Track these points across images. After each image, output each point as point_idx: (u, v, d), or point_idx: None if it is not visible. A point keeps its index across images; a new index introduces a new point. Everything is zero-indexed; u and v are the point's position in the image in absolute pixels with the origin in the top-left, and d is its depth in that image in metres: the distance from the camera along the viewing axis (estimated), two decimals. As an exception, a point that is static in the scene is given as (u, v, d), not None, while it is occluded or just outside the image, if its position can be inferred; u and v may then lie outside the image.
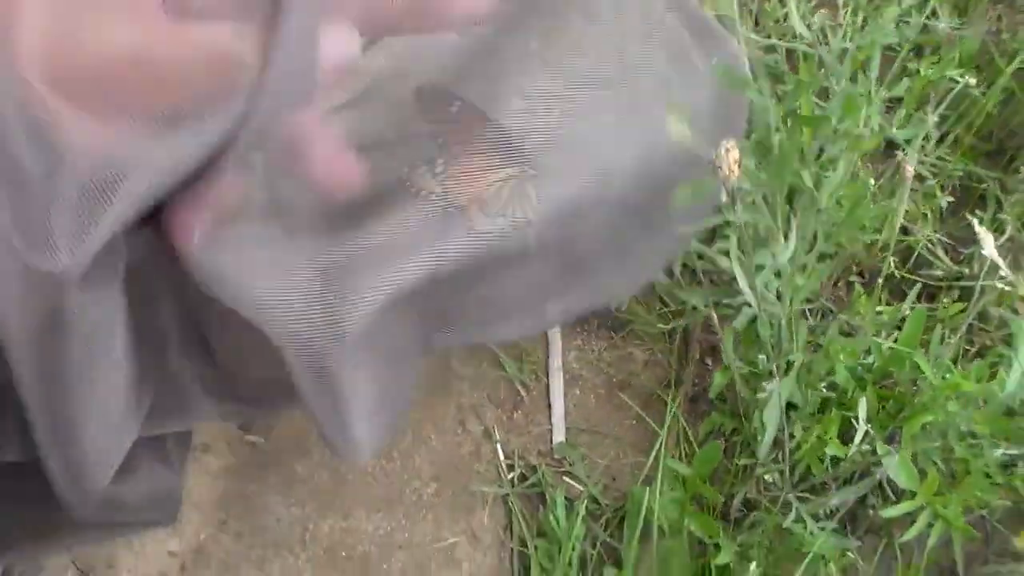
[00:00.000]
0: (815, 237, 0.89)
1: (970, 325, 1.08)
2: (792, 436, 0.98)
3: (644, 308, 1.13)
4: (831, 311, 1.12)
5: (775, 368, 0.93)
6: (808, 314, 1.10)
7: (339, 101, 0.60)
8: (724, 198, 0.75)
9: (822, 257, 0.94)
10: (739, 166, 0.72)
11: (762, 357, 0.98)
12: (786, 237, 0.82)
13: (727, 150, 0.71)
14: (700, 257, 1.05)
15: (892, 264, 1.10)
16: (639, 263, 0.89)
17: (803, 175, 0.84)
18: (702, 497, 1.02)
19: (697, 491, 0.99)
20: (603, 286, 0.86)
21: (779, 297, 0.89)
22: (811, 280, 0.87)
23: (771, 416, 0.93)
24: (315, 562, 1.01)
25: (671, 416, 1.09)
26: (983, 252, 0.95)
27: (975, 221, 0.99)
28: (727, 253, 0.86)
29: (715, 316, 0.95)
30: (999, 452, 0.98)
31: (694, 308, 1.12)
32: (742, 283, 0.87)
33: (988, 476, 1.01)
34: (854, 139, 0.83)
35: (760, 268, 0.87)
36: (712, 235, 1.01)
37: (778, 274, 0.88)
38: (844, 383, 0.97)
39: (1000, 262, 0.95)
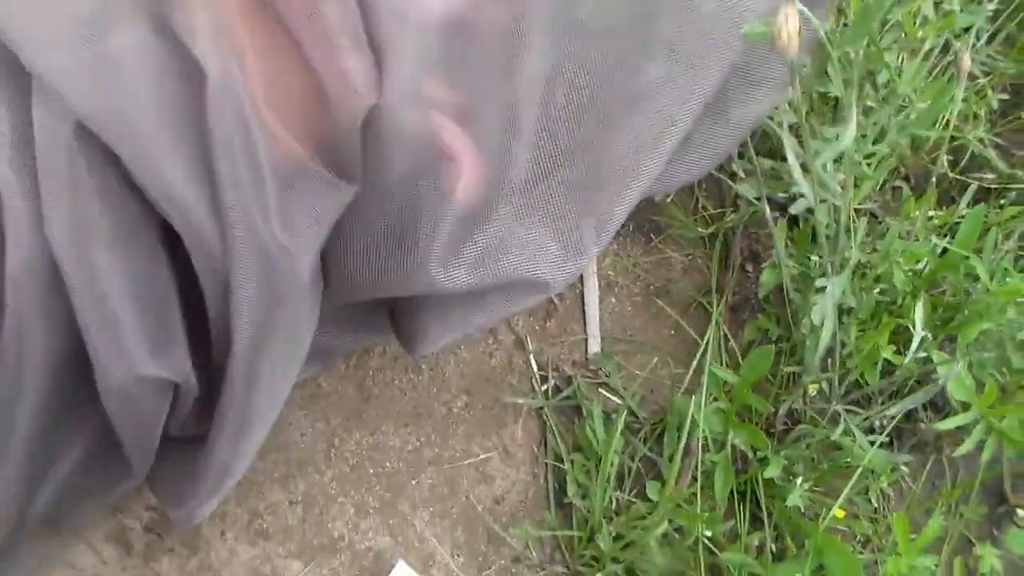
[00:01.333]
0: (882, 129, 0.83)
1: (1023, 232, 1.03)
2: (843, 344, 0.94)
3: (682, 211, 1.07)
4: (875, 215, 1.07)
5: (829, 265, 0.88)
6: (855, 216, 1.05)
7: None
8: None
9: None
10: (798, 35, 0.66)
11: (815, 259, 0.93)
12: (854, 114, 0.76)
13: (786, 17, 0.66)
14: (740, 156, 0.99)
15: (945, 164, 1.04)
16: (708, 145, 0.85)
17: (882, 55, 0.78)
18: (746, 409, 0.98)
19: (744, 401, 0.95)
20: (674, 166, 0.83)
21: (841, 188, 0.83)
22: (879, 170, 0.81)
23: (824, 313, 0.88)
24: (341, 479, 0.96)
25: (713, 323, 1.04)
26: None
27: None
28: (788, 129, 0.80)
29: (767, 209, 0.89)
30: (1058, 362, 0.94)
31: (734, 211, 1.07)
32: (794, 168, 0.81)
33: (1044, 389, 0.97)
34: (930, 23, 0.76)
35: (819, 155, 0.82)
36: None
37: (839, 161, 0.82)
38: (901, 287, 0.92)
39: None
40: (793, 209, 0.86)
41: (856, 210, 1.05)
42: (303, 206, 0.64)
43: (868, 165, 0.83)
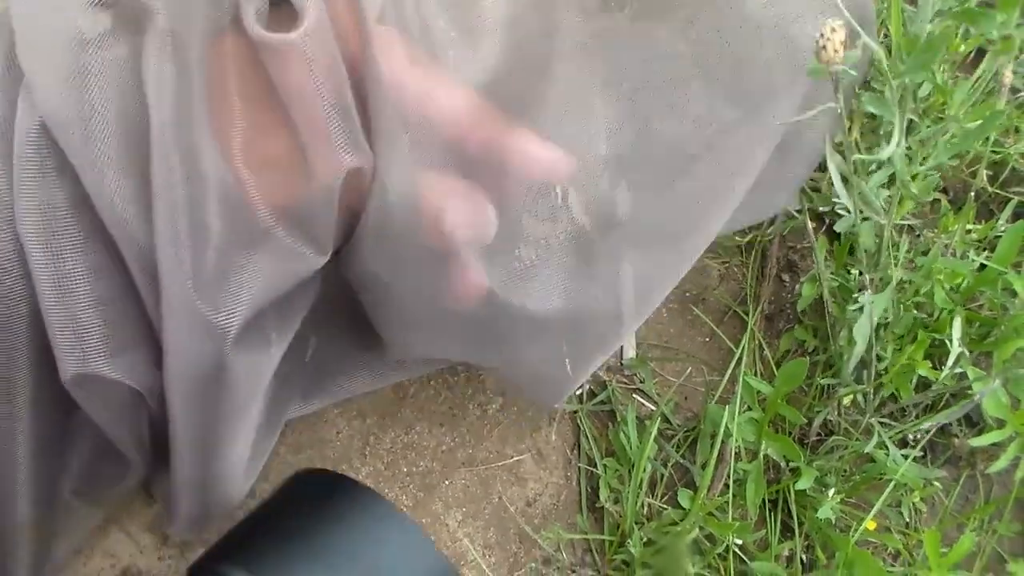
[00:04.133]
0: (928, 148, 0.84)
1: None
2: (879, 358, 0.94)
3: (721, 220, 1.07)
4: (912, 228, 1.07)
5: (869, 281, 0.88)
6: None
7: None
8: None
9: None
10: (844, 48, 0.67)
11: (854, 272, 0.93)
12: (903, 138, 0.76)
13: (833, 30, 0.66)
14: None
15: (984, 179, 1.04)
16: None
17: (935, 73, 0.78)
18: (780, 419, 0.98)
19: (777, 412, 0.95)
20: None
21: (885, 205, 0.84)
22: (923, 188, 0.81)
23: (862, 331, 0.88)
24: (376, 477, 0.98)
25: (748, 332, 1.04)
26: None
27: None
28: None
29: (808, 222, 0.89)
30: (1095, 381, 0.94)
31: (771, 223, 1.07)
32: (837, 185, 0.81)
33: (1082, 407, 0.97)
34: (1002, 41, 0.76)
35: (865, 171, 0.82)
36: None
37: (888, 181, 0.83)
38: (941, 304, 0.92)
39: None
40: (838, 227, 0.87)
41: (895, 224, 1.06)
42: (252, 270, 0.61)
43: (913, 185, 0.83)
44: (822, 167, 0.99)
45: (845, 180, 0.81)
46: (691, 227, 0.77)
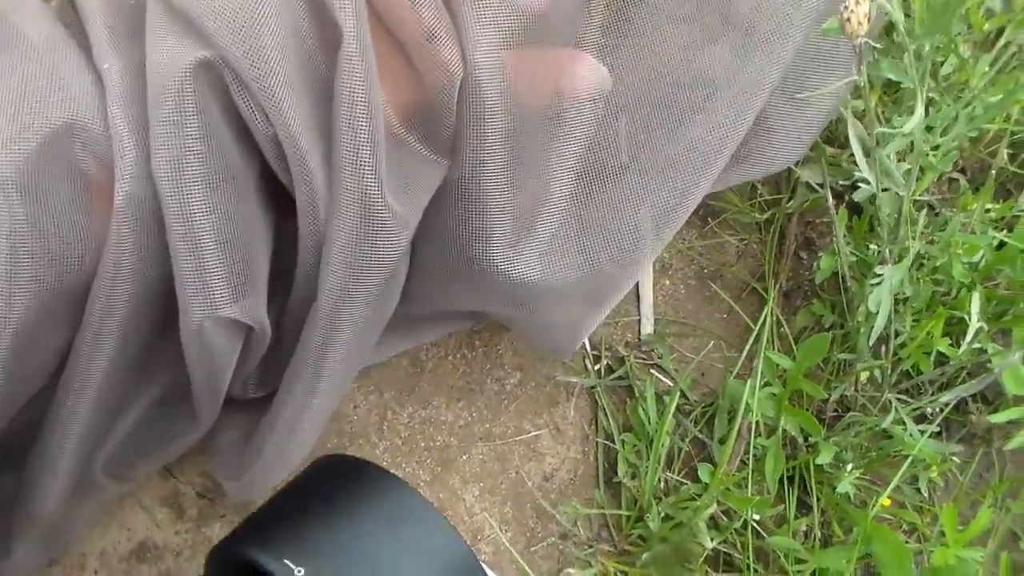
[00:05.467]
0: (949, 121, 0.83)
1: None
2: (897, 333, 0.94)
3: (739, 196, 1.07)
4: (932, 207, 1.07)
5: (889, 253, 0.88)
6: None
7: None
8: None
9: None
10: (868, 21, 0.66)
11: (873, 247, 0.93)
12: (926, 109, 0.76)
13: (857, 2, 0.66)
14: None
15: (1005, 157, 1.04)
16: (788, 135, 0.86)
17: (956, 47, 0.78)
18: (797, 395, 0.98)
19: (796, 387, 0.95)
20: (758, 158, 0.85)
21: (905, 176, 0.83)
22: (944, 160, 0.81)
23: (881, 302, 0.88)
24: (393, 452, 0.98)
25: (768, 308, 1.04)
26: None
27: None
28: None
29: (829, 196, 0.89)
30: (1113, 358, 0.94)
31: (790, 199, 1.07)
32: (858, 154, 0.81)
33: (1098, 385, 0.97)
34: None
35: (887, 140, 0.82)
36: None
37: (905, 152, 0.82)
38: (959, 278, 0.92)
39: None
40: (856, 196, 0.86)
41: (914, 202, 1.05)
42: (405, 177, 0.66)
43: (933, 157, 0.83)
44: (843, 143, 0.99)
45: (867, 152, 0.81)
46: (704, 163, 0.79)
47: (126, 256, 0.62)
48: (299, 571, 0.55)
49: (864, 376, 0.99)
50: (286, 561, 0.55)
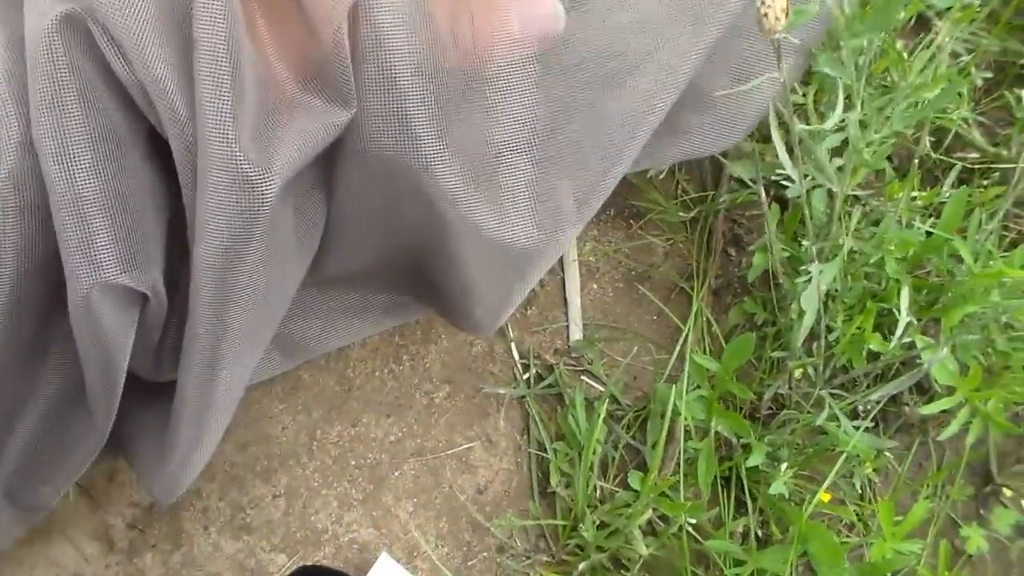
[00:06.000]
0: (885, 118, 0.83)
1: (1005, 212, 1.02)
2: (830, 329, 0.93)
3: (663, 196, 1.06)
4: (857, 197, 1.06)
5: (819, 251, 0.87)
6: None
7: None
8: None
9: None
10: (786, 16, 0.65)
11: (806, 243, 0.92)
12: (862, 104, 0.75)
13: (772, -3, 0.65)
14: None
15: (928, 145, 1.03)
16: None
17: (895, 43, 0.77)
18: (730, 395, 0.97)
19: (726, 389, 0.94)
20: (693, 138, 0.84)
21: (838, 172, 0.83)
22: (876, 156, 0.80)
23: (810, 301, 0.87)
24: (324, 472, 0.96)
25: (694, 309, 1.03)
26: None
27: (1022, 93, 0.93)
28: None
29: (763, 191, 0.87)
30: (1043, 345, 0.93)
31: (713, 198, 1.06)
32: (780, 149, 0.80)
33: (1030, 371, 0.96)
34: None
35: (820, 138, 0.81)
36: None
37: (842, 145, 0.82)
38: (893, 274, 0.91)
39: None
40: (791, 192, 0.85)
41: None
42: (286, 132, 0.63)
43: (868, 153, 0.82)
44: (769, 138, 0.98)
45: (791, 150, 0.80)
46: (629, 131, 0.78)
47: (10, 235, 0.60)
48: None
49: (798, 373, 0.98)
50: None
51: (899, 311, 0.89)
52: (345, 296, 0.88)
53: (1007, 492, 1.07)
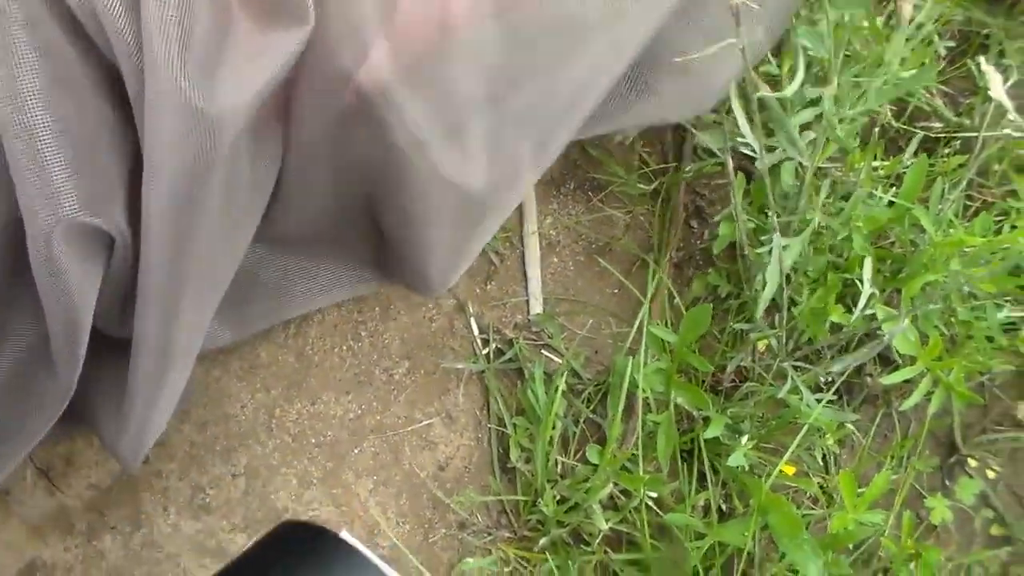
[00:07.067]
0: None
1: (968, 181, 1.02)
2: (794, 301, 0.93)
3: (623, 168, 1.05)
4: (820, 168, 1.05)
5: (787, 225, 0.86)
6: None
7: None
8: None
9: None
10: None
11: (771, 215, 0.91)
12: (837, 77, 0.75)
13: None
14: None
15: (888, 114, 1.02)
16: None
17: (874, 20, 0.76)
18: (691, 367, 0.97)
19: (685, 361, 0.93)
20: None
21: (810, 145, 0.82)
22: (848, 132, 0.79)
23: (772, 273, 0.86)
24: (283, 450, 0.95)
25: (655, 281, 1.02)
26: (990, 94, 0.88)
27: (981, 60, 0.92)
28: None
29: (730, 162, 0.87)
30: (1003, 314, 0.93)
31: (677, 170, 1.05)
32: (740, 119, 0.79)
33: (990, 340, 0.96)
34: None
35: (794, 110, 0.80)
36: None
37: (816, 119, 0.81)
38: (860, 251, 0.90)
39: (1008, 103, 0.88)
40: (759, 164, 0.84)
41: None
42: (233, 60, 0.62)
43: (840, 130, 0.82)
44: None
45: (751, 119, 0.79)
46: (580, 95, 0.76)
47: None
48: None
49: (761, 345, 0.97)
50: None
51: (862, 282, 0.88)
52: (296, 261, 0.86)
53: (972, 462, 1.07)
